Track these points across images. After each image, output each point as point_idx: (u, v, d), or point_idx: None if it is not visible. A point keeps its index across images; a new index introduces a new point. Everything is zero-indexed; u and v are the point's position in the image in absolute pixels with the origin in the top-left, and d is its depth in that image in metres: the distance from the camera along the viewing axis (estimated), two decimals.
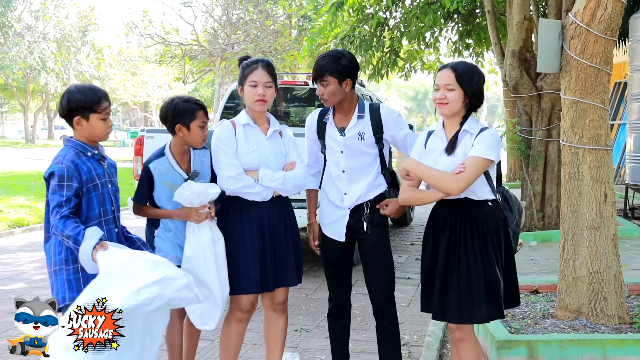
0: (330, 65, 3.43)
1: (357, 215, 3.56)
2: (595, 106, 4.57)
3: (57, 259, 3.05)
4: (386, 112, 3.59)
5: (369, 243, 3.57)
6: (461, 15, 12.09)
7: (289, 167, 3.55)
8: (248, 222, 3.47)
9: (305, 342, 4.79)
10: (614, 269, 4.63)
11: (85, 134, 3.09)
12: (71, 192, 2.95)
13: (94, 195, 3.06)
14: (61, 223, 2.90)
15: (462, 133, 3.15)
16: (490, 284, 3.12)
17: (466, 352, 3.24)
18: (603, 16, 4.43)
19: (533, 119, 9.06)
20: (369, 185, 3.55)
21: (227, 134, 3.48)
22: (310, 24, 15.48)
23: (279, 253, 3.53)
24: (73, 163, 3.00)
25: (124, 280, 2.91)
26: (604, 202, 4.61)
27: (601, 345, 4.14)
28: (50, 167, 2.99)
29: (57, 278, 3.06)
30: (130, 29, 25.40)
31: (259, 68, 3.46)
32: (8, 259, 7.69)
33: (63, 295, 3.04)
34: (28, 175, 17.44)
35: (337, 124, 3.57)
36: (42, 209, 10.82)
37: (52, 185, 2.96)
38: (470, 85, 3.13)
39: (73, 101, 3.04)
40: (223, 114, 8.08)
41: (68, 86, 3.26)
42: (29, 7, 36.87)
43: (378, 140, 3.54)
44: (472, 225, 3.14)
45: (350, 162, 3.55)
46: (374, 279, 3.61)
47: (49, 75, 37.69)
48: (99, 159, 3.16)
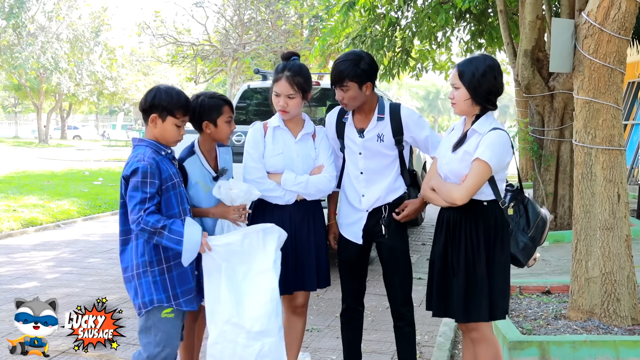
0: (350, 70, 3.37)
1: (376, 218, 3.53)
2: (608, 106, 4.54)
3: (140, 261, 2.97)
4: (406, 113, 3.52)
5: (387, 247, 3.55)
6: (473, 14, 12.04)
7: (316, 171, 3.52)
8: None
9: (316, 342, 4.80)
10: (627, 269, 4.60)
11: (157, 133, 3.06)
12: (154, 189, 2.91)
13: (172, 194, 3.01)
14: (151, 217, 2.85)
15: (470, 132, 3.13)
16: (477, 284, 3.11)
17: (483, 353, 3.22)
18: (617, 15, 4.40)
19: (545, 119, 9.01)
20: (387, 187, 3.51)
21: (256, 137, 3.51)
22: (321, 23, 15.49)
23: (300, 257, 3.54)
24: (154, 160, 2.96)
25: (249, 259, 3.10)
26: (617, 203, 4.57)
27: (614, 347, 4.11)
28: (133, 164, 2.93)
29: (141, 281, 2.98)
30: (142, 29, 25.46)
31: (283, 79, 3.43)
32: (21, 257, 7.74)
33: (150, 297, 2.97)
34: (41, 175, 17.56)
35: (356, 124, 3.54)
36: (55, 208, 10.94)
37: (133, 182, 2.89)
38: (472, 81, 3.07)
39: (157, 98, 3.02)
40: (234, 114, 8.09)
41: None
42: (42, 8, 37.08)
43: (398, 142, 3.49)
44: (463, 223, 3.14)
45: (368, 163, 3.52)
46: (391, 281, 3.61)
47: (62, 76, 37.90)
48: (171, 158, 3.12)
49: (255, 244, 3.12)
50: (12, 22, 35.07)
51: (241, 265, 3.08)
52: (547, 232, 3.35)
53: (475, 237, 3.11)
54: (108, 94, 45.45)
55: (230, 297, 3.02)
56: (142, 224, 2.85)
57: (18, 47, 35.87)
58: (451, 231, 3.18)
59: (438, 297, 3.24)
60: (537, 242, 3.30)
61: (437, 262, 3.24)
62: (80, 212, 11.20)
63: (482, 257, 3.10)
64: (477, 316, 3.14)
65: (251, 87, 8.29)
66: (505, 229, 3.17)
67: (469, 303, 3.12)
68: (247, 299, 3.05)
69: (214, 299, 3.03)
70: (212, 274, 3.04)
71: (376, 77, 3.53)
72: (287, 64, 3.49)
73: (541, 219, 3.29)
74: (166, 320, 3.00)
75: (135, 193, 2.88)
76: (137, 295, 2.98)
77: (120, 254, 3.04)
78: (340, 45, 13.46)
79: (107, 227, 10.23)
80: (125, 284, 3.04)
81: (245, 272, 3.08)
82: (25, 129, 55.53)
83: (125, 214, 2.97)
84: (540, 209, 3.33)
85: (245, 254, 3.09)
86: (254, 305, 3.05)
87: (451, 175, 3.15)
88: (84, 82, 40.26)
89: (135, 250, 2.98)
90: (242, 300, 3.04)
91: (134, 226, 2.88)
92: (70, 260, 7.60)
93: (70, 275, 6.86)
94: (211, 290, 3.04)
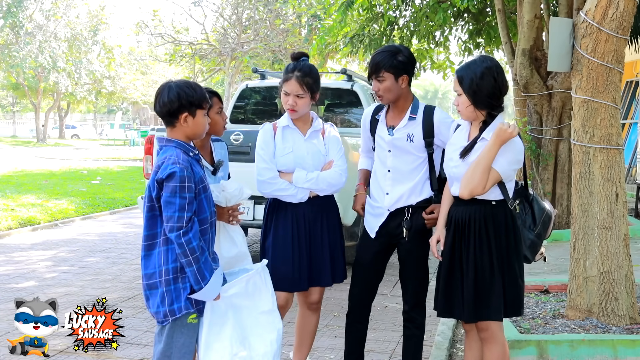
0: (387, 60, 3.37)
1: (398, 220, 3.52)
2: (606, 105, 4.55)
3: (171, 267, 2.82)
4: (440, 117, 3.48)
5: (405, 249, 3.55)
6: (471, 14, 12.04)
7: (326, 167, 3.56)
8: (283, 223, 3.55)
9: (314, 341, 4.78)
10: (625, 269, 4.61)
11: (189, 131, 2.91)
12: (192, 194, 2.79)
13: (204, 197, 2.89)
14: (194, 240, 2.74)
15: (480, 141, 3.11)
16: (487, 283, 3.11)
17: (491, 352, 3.21)
18: (615, 14, 4.40)
19: (543, 118, 9.02)
20: (412, 188, 3.49)
21: (266, 138, 3.55)
22: (319, 23, 15.48)
23: (314, 253, 3.58)
24: (188, 163, 2.82)
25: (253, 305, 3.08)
26: (615, 202, 4.58)
27: (612, 346, 4.12)
28: (168, 168, 2.77)
29: (171, 287, 2.83)
30: (140, 29, 25.45)
31: (293, 79, 3.48)
32: (20, 257, 7.73)
33: (179, 305, 2.84)
34: (39, 174, 17.53)
35: (388, 122, 3.54)
36: (53, 207, 10.93)
37: (170, 187, 2.75)
38: (471, 87, 3.08)
39: (184, 96, 2.86)
40: (233, 113, 8.10)
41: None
42: (40, 7, 37.03)
43: (428, 144, 3.46)
44: (471, 223, 3.13)
45: (396, 162, 3.50)
46: (405, 283, 3.62)
47: (59, 75, 37.86)
48: (198, 159, 2.98)
49: (259, 283, 3.10)
50: (10, 21, 35.02)
51: (247, 306, 3.06)
52: (552, 227, 3.36)
53: (485, 237, 3.11)
54: (106, 93, 45.39)
55: (235, 334, 2.99)
56: (184, 240, 2.74)
57: (16, 46, 35.82)
58: (460, 231, 3.17)
59: (444, 297, 3.23)
60: (543, 237, 3.32)
61: (445, 262, 3.24)
62: (79, 211, 11.18)
63: (492, 256, 3.10)
64: (487, 315, 3.14)
65: (249, 87, 8.29)
66: (515, 228, 3.17)
67: (478, 303, 3.12)
68: (252, 337, 3.04)
69: (214, 333, 2.96)
70: (216, 312, 2.98)
71: (414, 72, 3.52)
72: (297, 64, 3.53)
73: (546, 215, 3.30)
74: (190, 326, 2.92)
75: (173, 199, 2.75)
76: (164, 303, 2.84)
77: (144, 259, 2.90)
78: (339, 45, 13.45)
79: (105, 227, 10.21)
80: (148, 290, 2.88)
81: (250, 311, 3.06)
82: (23, 128, 55.47)
83: (151, 218, 2.84)
84: (544, 204, 3.34)
85: (250, 295, 3.06)
86: (260, 342, 3.04)
87: (459, 179, 3.16)
88: (82, 81, 40.21)
89: (164, 256, 2.83)
90: (247, 337, 3.03)
91: (171, 235, 2.75)
92: (68, 260, 7.59)
93: (68, 274, 6.86)
94: (213, 326, 2.96)
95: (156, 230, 2.84)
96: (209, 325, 2.95)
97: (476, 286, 3.12)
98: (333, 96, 8.24)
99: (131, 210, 11.75)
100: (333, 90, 8.26)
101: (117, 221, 10.78)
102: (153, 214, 2.84)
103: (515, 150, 3.08)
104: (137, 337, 4.75)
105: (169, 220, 2.75)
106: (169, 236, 2.78)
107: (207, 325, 2.95)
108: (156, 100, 2.92)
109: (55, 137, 47.87)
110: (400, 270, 3.64)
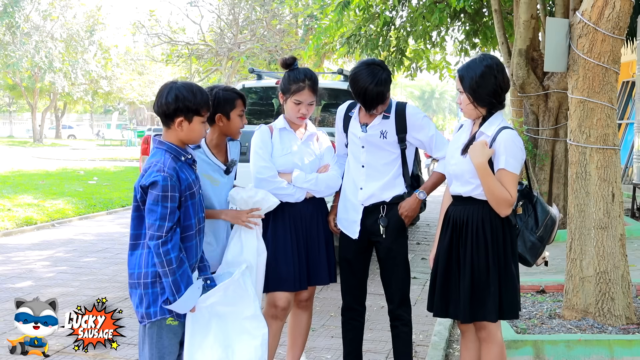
0: (383, 95, 3.42)
1: (374, 217, 3.56)
2: (602, 105, 4.55)
3: (150, 270, 2.82)
4: (411, 112, 3.56)
5: (384, 247, 3.58)
6: (468, 14, 12.04)
7: (322, 170, 3.63)
8: (282, 222, 3.57)
9: (311, 342, 4.79)
10: (622, 269, 4.62)
11: (183, 136, 2.88)
12: (175, 203, 2.76)
13: (190, 204, 2.86)
14: (173, 251, 2.74)
15: (478, 134, 3.14)
16: (483, 283, 3.11)
17: (488, 352, 3.21)
18: (611, 15, 4.41)
19: (540, 118, 9.03)
20: (385, 184, 3.54)
21: (264, 138, 3.57)
22: (316, 23, 15.48)
23: (312, 252, 3.62)
24: (174, 171, 2.79)
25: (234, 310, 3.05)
26: (612, 202, 4.59)
27: (608, 346, 4.13)
28: (152, 176, 2.75)
29: (148, 291, 2.84)
30: (137, 29, 25.42)
31: (306, 89, 3.52)
32: (17, 257, 7.72)
33: (155, 309, 2.85)
34: (36, 174, 17.51)
35: (361, 119, 3.58)
36: (50, 207, 10.92)
37: (153, 195, 2.74)
38: (471, 86, 3.10)
39: (181, 100, 2.82)
40: None
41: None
42: (36, 7, 36.96)
43: (401, 140, 3.53)
44: (469, 222, 3.14)
45: (370, 158, 3.56)
46: (388, 282, 3.64)
47: (56, 75, 37.79)
48: (191, 163, 2.94)
49: (239, 289, 3.07)
50: (6, 21, 34.93)
51: (230, 312, 3.03)
52: (556, 231, 3.36)
53: (482, 237, 3.11)
54: (103, 93, 45.31)
55: (217, 343, 2.97)
56: (162, 250, 2.73)
57: (12, 46, 35.74)
58: (457, 230, 3.18)
59: (440, 297, 3.23)
60: (546, 242, 3.31)
61: (441, 262, 3.24)
62: (75, 212, 11.18)
63: (489, 256, 3.10)
64: (483, 316, 3.14)
65: (246, 87, 8.28)
66: (512, 228, 3.17)
67: (474, 303, 3.12)
68: (237, 345, 3.01)
69: (197, 343, 2.95)
70: (199, 321, 2.96)
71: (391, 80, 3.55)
72: (306, 72, 3.56)
73: (550, 218, 3.30)
74: (170, 328, 2.92)
75: (155, 207, 2.74)
76: (142, 304, 2.87)
77: (129, 257, 2.92)
78: (335, 45, 13.44)
79: (101, 227, 10.20)
80: (130, 289, 2.93)
81: (234, 318, 3.04)
82: (20, 128, 55.37)
83: (137, 217, 2.85)
84: (549, 208, 3.33)
85: (231, 302, 3.03)
86: (244, 349, 3.01)
87: (458, 177, 3.16)
88: (79, 82, 40.15)
89: (145, 259, 2.84)
90: (230, 345, 3.00)
91: (151, 243, 2.76)
92: (65, 260, 7.58)
93: (65, 274, 6.85)
94: (195, 335, 2.95)
95: (141, 230, 2.86)
96: (191, 335, 2.93)
97: (473, 286, 3.12)
98: (330, 96, 8.24)
99: (128, 211, 11.71)
100: (330, 90, 8.26)
101: (113, 221, 10.77)
102: (139, 214, 2.85)
103: (515, 145, 3.06)
104: (134, 337, 4.72)
105: (150, 227, 2.77)
106: (148, 243, 2.79)
107: (189, 335, 2.94)
108: (156, 98, 2.91)
109: (52, 138, 47.79)
110: (381, 271, 3.66)
